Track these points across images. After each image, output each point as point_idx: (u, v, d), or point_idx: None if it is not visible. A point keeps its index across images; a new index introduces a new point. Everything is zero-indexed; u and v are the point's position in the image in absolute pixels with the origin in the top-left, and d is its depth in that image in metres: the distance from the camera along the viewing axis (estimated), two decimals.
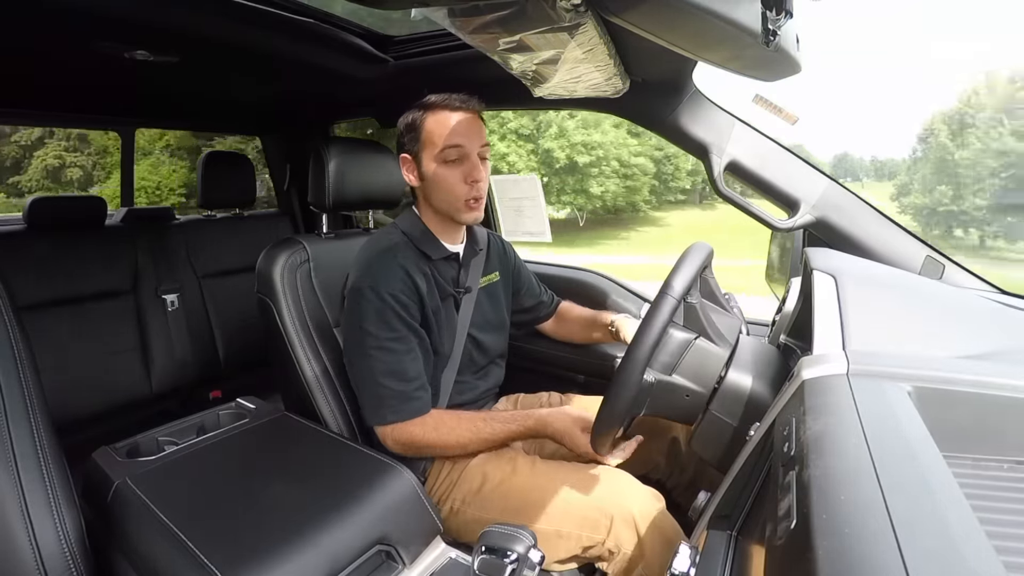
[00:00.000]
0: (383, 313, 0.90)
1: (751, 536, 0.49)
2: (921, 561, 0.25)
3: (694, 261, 0.78)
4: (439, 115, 0.95)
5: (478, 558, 0.56)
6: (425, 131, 0.95)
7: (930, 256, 1.01)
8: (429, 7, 0.63)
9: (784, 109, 1.08)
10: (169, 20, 0.99)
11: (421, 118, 0.96)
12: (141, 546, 0.67)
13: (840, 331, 0.58)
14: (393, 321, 0.91)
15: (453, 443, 0.91)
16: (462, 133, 0.94)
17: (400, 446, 0.91)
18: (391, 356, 0.90)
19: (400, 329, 0.91)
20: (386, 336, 0.90)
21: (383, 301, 0.90)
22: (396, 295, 0.91)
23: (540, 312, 1.27)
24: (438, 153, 0.94)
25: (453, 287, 1.02)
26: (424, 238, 1.01)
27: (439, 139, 0.94)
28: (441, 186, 0.96)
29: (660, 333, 0.70)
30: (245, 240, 2.00)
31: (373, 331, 0.90)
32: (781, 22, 0.62)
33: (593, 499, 0.83)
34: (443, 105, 0.95)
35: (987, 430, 0.42)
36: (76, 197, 1.69)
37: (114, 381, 1.65)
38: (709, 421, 0.73)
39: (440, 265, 1.02)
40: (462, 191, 0.95)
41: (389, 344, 0.90)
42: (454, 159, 0.94)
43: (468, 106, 0.96)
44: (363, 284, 0.92)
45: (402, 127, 0.99)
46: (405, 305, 0.92)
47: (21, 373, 0.62)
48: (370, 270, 0.94)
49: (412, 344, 0.92)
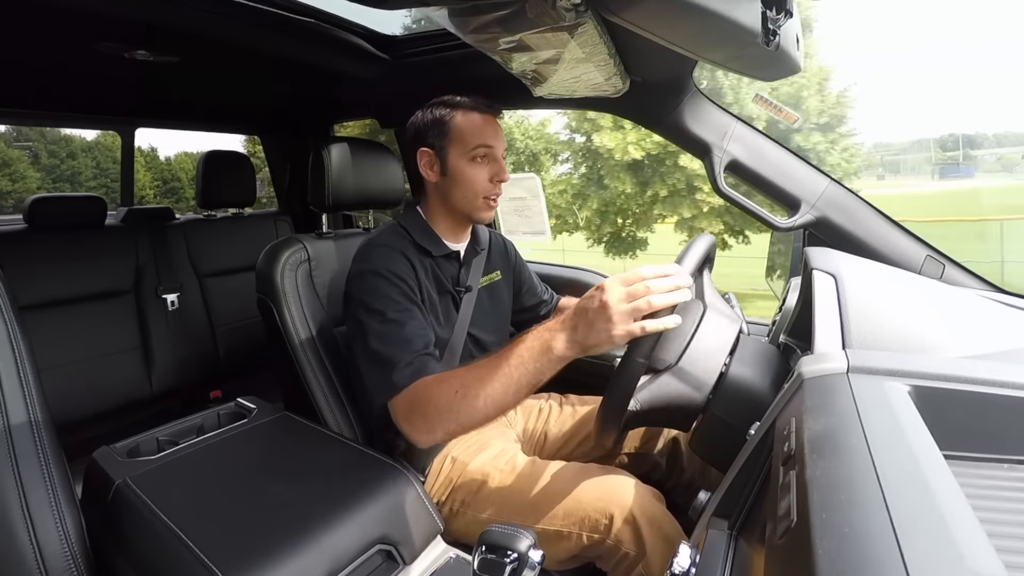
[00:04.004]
0: (384, 288, 0.89)
1: (751, 536, 0.49)
2: (921, 561, 0.25)
3: (699, 249, 0.78)
4: (470, 115, 0.98)
5: (478, 558, 0.56)
6: (455, 128, 0.97)
7: (930, 256, 1.01)
8: (429, 7, 0.64)
9: (784, 109, 1.08)
10: (169, 20, 0.99)
11: (450, 115, 0.98)
12: (141, 546, 0.67)
13: (840, 330, 0.58)
14: (394, 294, 0.89)
15: (457, 386, 0.75)
16: (492, 135, 0.98)
17: (418, 411, 0.78)
18: (397, 327, 0.86)
19: (401, 301, 0.89)
20: (391, 310, 0.88)
21: (383, 277, 0.90)
22: (395, 271, 0.91)
23: (541, 311, 1.27)
24: (469, 151, 0.97)
25: (453, 285, 1.03)
26: (425, 235, 1.01)
27: (471, 138, 0.97)
28: (466, 183, 0.98)
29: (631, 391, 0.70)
30: (245, 240, 2.00)
31: (377, 307, 0.88)
32: (781, 21, 0.62)
33: (593, 499, 0.83)
34: (472, 106, 0.99)
35: (987, 430, 0.42)
36: (76, 197, 1.69)
37: (114, 381, 1.65)
38: (709, 421, 0.73)
39: (441, 262, 1.02)
40: (486, 189, 0.98)
41: (394, 316, 0.87)
42: (483, 157, 0.98)
43: (493, 110, 1.00)
44: (363, 268, 0.92)
45: (425, 121, 1.00)
46: (404, 279, 0.92)
47: (22, 373, 0.62)
48: (369, 256, 0.94)
49: (416, 314, 0.90)
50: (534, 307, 1.26)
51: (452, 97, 1.00)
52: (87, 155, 17.42)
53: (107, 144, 17.50)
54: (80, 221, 1.65)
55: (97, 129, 2.64)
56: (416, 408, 0.78)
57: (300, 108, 1.94)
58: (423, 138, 1.00)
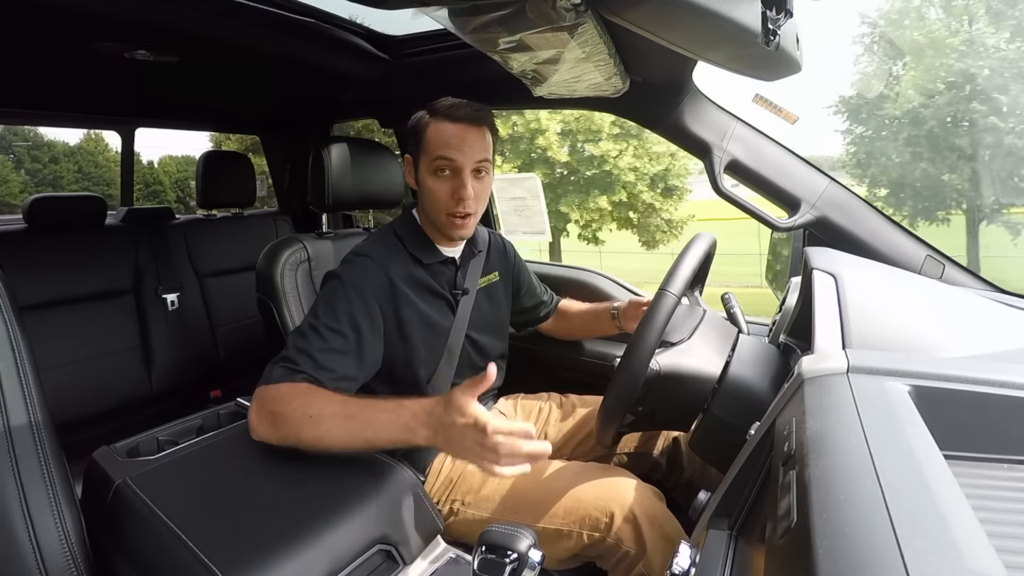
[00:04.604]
0: (337, 300, 0.87)
1: (751, 536, 0.49)
2: (921, 561, 0.25)
3: (699, 249, 0.80)
4: (440, 124, 0.92)
5: (478, 558, 0.56)
6: (425, 138, 0.93)
7: (930, 256, 1.01)
8: (429, 7, 0.64)
9: (784, 108, 1.08)
10: (169, 20, 0.99)
11: (424, 123, 0.94)
12: (141, 546, 0.67)
13: (840, 330, 0.58)
14: (342, 311, 0.85)
15: (316, 410, 0.74)
16: (456, 147, 0.91)
17: (265, 411, 0.77)
18: (318, 340, 0.82)
19: (343, 321, 0.85)
20: (328, 322, 0.84)
21: (344, 290, 0.87)
22: (362, 288, 0.88)
23: (540, 312, 1.27)
24: (431, 162, 0.93)
25: (449, 290, 1.01)
26: (419, 242, 0.99)
27: (433, 148, 0.92)
28: (428, 197, 0.95)
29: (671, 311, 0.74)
30: (245, 240, 2.00)
31: (319, 311, 0.86)
32: (781, 21, 0.62)
33: (594, 498, 0.83)
34: (446, 114, 0.92)
35: (987, 430, 0.42)
36: (76, 196, 1.69)
37: (114, 381, 1.65)
38: (709, 421, 0.73)
39: (435, 269, 1.00)
40: (447, 205, 0.93)
41: (326, 330, 0.83)
42: (444, 172, 0.92)
43: (474, 120, 0.92)
44: (336, 272, 0.91)
45: (408, 127, 0.98)
46: (366, 300, 0.88)
47: (22, 373, 0.62)
48: (350, 262, 0.93)
49: (347, 343, 0.84)
50: (533, 308, 1.25)
51: (441, 101, 0.94)
52: (69, 159, 17.56)
53: (89, 149, 17.66)
54: (80, 221, 1.65)
55: (97, 129, 2.65)
56: (266, 400, 0.77)
57: (300, 108, 1.94)
58: (406, 144, 0.99)
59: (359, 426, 0.73)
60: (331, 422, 0.73)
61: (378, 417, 0.74)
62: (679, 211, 10.44)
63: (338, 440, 0.74)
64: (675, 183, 10.23)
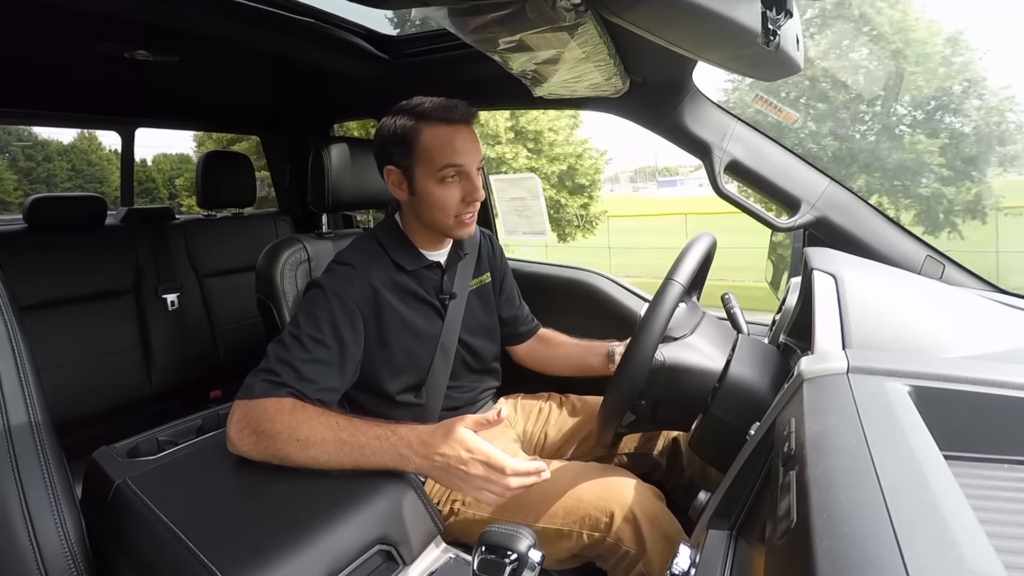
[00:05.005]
0: (319, 308, 0.85)
1: (751, 536, 0.49)
2: (921, 561, 0.25)
3: (701, 246, 0.80)
4: (437, 130, 0.88)
5: (478, 558, 0.56)
6: (421, 146, 0.89)
7: (930, 256, 1.01)
8: (429, 7, 0.64)
9: (784, 108, 1.08)
10: (169, 20, 0.99)
11: (415, 130, 0.89)
12: (141, 546, 0.67)
13: (840, 330, 0.58)
14: (324, 320, 0.84)
15: (304, 434, 0.73)
16: (463, 151, 0.89)
17: (248, 428, 0.74)
18: (301, 351, 0.80)
19: (325, 331, 0.83)
20: (307, 331, 0.82)
21: (326, 298, 0.85)
22: (344, 297, 0.86)
23: (517, 327, 1.19)
24: (437, 171, 0.89)
25: (436, 295, 0.99)
26: (401, 249, 0.97)
27: (438, 157, 0.88)
28: (435, 205, 0.91)
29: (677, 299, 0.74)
30: (245, 240, 2.00)
31: (300, 321, 0.84)
32: (781, 21, 0.62)
33: (594, 498, 0.83)
34: (439, 117, 0.88)
35: (987, 430, 0.42)
36: (76, 196, 1.69)
37: (114, 381, 1.65)
38: (709, 421, 0.73)
39: (420, 274, 0.98)
40: (458, 209, 0.91)
41: (308, 341, 0.82)
42: (452, 178, 0.90)
43: (466, 119, 0.91)
44: (318, 281, 0.89)
45: (387, 135, 0.92)
46: (347, 308, 0.86)
47: (22, 373, 0.62)
48: (332, 270, 0.91)
49: (330, 352, 0.83)
50: (509, 321, 1.18)
51: (420, 103, 0.90)
52: (63, 158, 17.64)
53: (83, 148, 17.73)
54: (80, 221, 1.65)
55: (98, 129, 2.64)
56: (248, 417, 0.75)
57: (300, 108, 1.94)
58: (388, 156, 0.92)
59: (350, 452, 0.73)
60: (320, 447, 0.72)
61: (371, 444, 0.73)
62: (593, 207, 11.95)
63: (327, 465, 0.73)
64: (582, 182, 11.56)
